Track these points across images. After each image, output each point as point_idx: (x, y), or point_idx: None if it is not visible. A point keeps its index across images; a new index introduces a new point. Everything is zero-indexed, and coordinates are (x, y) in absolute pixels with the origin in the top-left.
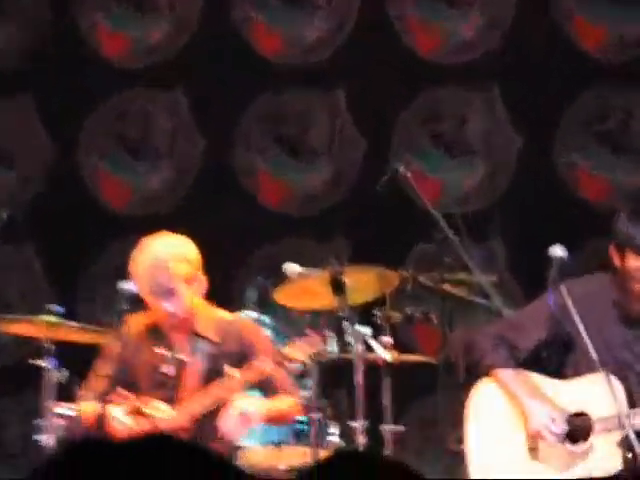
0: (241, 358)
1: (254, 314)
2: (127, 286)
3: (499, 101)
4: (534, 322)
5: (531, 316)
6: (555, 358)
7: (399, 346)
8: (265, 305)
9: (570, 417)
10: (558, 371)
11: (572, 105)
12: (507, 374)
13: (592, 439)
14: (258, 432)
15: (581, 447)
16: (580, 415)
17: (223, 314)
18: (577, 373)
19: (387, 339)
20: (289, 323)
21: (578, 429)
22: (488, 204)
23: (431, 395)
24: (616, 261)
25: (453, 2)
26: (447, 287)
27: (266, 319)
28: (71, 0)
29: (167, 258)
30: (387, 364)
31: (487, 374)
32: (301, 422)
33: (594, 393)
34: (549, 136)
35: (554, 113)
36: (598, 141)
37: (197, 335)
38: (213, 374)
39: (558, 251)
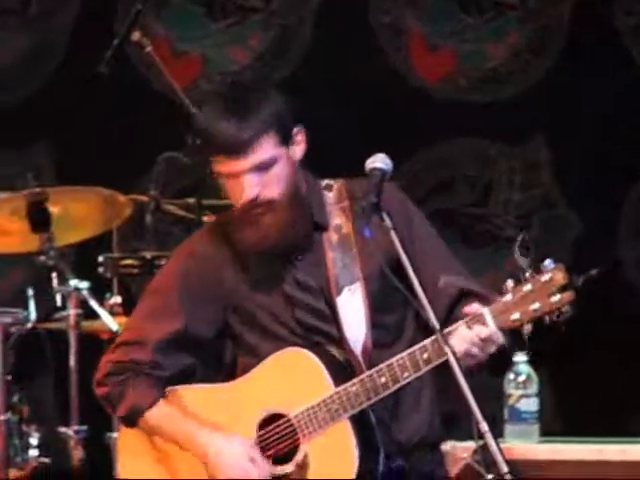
0: None
1: None
2: None
3: None
4: (166, 300)
5: (159, 293)
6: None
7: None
8: None
9: (262, 428)
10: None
11: None
12: (155, 414)
13: (305, 447)
14: None
15: (290, 465)
16: (274, 419)
17: None
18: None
19: (116, 300)
20: None
21: (277, 440)
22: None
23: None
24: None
25: None
26: (210, 219)
27: None
28: None
29: None
30: (116, 338)
31: (135, 422)
32: None
33: (281, 381)
34: None
35: None
36: None
37: None
38: None
39: (378, 163)
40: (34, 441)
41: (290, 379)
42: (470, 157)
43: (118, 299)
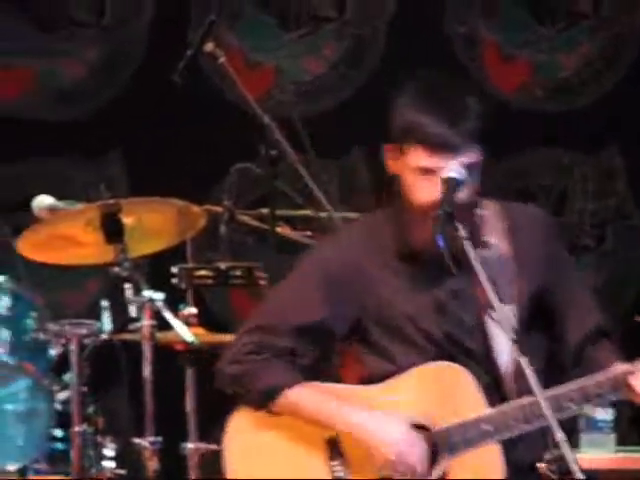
0: None
1: None
2: None
3: None
4: (308, 290)
5: (302, 282)
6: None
7: (209, 321)
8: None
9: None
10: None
11: None
12: (296, 391)
13: (444, 463)
14: None
15: (434, 475)
16: (418, 428)
17: None
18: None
19: (191, 310)
20: (37, 285)
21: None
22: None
23: None
24: (393, 166)
25: None
26: (284, 229)
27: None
28: None
29: None
30: (191, 349)
31: (271, 399)
32: (56, 438)
33: (430, 394)
34: None
35: None
36: None
37: None
38: None
39: (452, 172)
40: (109, 452)
41: (441, 393)
42: (545, 166)
43: (193, 310)
